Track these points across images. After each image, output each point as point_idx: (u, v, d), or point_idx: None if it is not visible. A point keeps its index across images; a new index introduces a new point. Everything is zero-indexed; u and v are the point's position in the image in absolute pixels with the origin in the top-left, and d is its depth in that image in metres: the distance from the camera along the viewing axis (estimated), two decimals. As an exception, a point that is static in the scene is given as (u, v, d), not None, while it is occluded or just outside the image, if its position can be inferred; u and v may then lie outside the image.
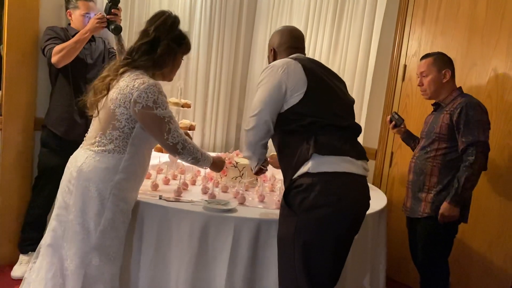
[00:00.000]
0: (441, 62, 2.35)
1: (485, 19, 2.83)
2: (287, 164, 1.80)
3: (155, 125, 1.77)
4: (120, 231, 1.82)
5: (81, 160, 1.77)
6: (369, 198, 1.83)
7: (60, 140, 2.69)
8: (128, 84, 1.74)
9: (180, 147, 1.83)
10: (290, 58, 1.83)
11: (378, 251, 2.40)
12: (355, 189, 1.74)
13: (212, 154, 2.08)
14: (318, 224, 1.65)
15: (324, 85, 1.81)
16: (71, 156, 1.88)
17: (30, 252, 2.74)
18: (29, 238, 2.77)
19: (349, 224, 1.72)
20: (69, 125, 2.69)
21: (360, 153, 1.82)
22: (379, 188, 3.14)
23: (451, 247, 2.37)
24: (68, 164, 1.85)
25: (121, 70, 1.79)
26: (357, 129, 1.88)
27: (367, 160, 1.88)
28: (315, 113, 1.74)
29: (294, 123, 1.75)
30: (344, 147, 1.75)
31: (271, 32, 3.87)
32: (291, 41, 1.97)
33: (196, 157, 1.90)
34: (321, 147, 1.70)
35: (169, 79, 1.96)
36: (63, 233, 1.78)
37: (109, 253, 1.78)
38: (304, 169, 1.70)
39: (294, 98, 1.74)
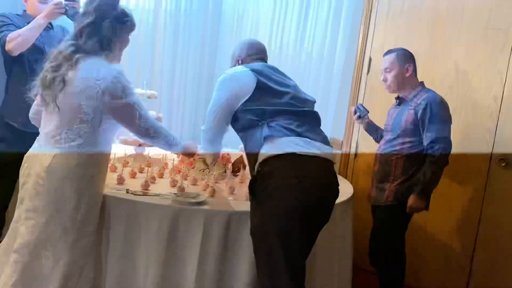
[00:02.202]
0: (403, 57, 2.44)
1: (447, 15, 2.91)
2: (249, 154, 1.87)
3: (125, 113, 1.74)
4: (93, 224, 1.79)
5: (48, 159, 1.69)
6: (336, 184, 1.84)
7: (18, 133, 2.56)
8: (91, 74, 1.67)
9: (152, 132, 1.82)
10: (244, 65, 1.94)
11: (346, 240, 2.44)
12: (316, 171, 1.74)
13: None
14: (282, 209, 1.65)
15: (274, 82, 1.87)
16: (27, 155, 1.80)
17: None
18: (-13, 236, 2.66)
19: (315, 207, 1.69)
20: (27, 116, 2.55)
21: (320, 138, 1.86)
22: (345, 178, 3.20)
23: (405, 230, 2.51)
24: (27, 164, 1.77)
25: (75, 58, 1.69)
26: (315, 115, 1.93)
27: (330, 146, 1.89)
28: (266, 104, 1.80)
29: (248, 116, 1.81)
30: (299, 130, 1.79)
31: (239, 15, 3.86)
32: (256, 53, 2.07)
33: (169, 141, 1.89)
34: (273, 130, 1.76)
35: (119, 59, 1.88)
36: (35, 237, 1.69)
37: (85, 247, 1.76)
38: (262, 156, 1.75)
39: (245, 97, 1.82)
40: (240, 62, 2.05)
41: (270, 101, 1.82)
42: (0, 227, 2.72)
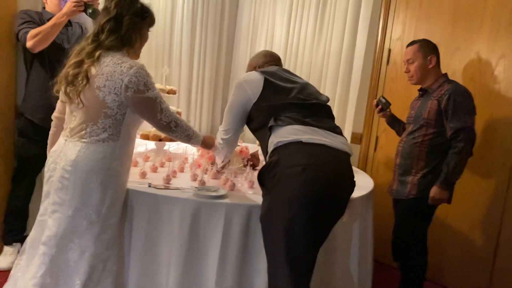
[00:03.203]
0: (426, 48, 2.40)
1: (468, 4, 2.85)
2: (263, 151, 1.96)
3: (148, 107, 1.76)
4: (116, 217, 1.82)
5: (73, 153, 1.72)
6: (350, 175, 1.82)
7: (38, 128, 2.61)
8: (115, 70, 1.69)
9: (174, 125, 1.85)
10: (256, 70, 2.06)
11: (366, 234, 2.43)
12: (323, 159, 1.72)
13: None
14: (286, 197, 1.64)
15: (281, 80, 1.97)
16: (53, 150, 1.83)
17: (14, 243, 2.71)
18: (12, 229, 2.73)
19: (321, 196, 1.65)
20: (47, 112, 2.55)
21: (331, 128, 1.88)
22: (365, 172, 3.17)
23: (429, 225, 2.47)
24: (53, 159, 1.80)
25: (97, 54, 1.72)
26: (324, 107, 1.98)
27: (343, 136, 1.92)
28: (274, 100, 1.90)
29: (260, 114, 1.93)
30: (305, 119, 1.83)
31: (255, 15, 3.89)
32: (270, 60, 2.23)
33: (189, 134, 1.94)
34: (279, 120, 1.85)
35: (138, 55, 1.91)
36: (62, 230, 1.72)
37: (109, 240, 1.79)
38: (270, 147, 1.83)
39: (256, 96, 1.93)
40: (256, 69, 2.14)
41: (278, 98, 1.91)
42: (24, 220, 2.79)
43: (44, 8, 2.70)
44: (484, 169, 2.80)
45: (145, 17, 1.83)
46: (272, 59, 2.23)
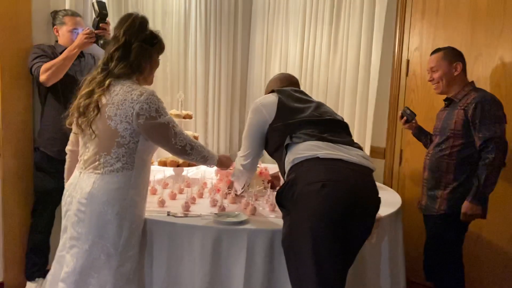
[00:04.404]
0: (451, 55, 2.32)
1: (487, 8, 2.76)
2: (281, 171, 1.93)
3: (161, 133, 1.73)
4: (135, 248, 1.77)
5: (88, 185, 1.69)
6: (373, 191, 1.74)
7: (54, 161, 2.59)
8: (125, 98, 1.67)
9: (189, 148, 1.81)
10: (272, 91, 2.06)
11: (397, 254, 2.31)
12: (343, 175, 1.65)
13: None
14: (308, 215, 1.57)
15: (295, 100, 1.96)
16: (69, 183, 1.81)
17: (37, 279, 2.68)
18: (34, 264, 2.70)
19: (344, 215, 1.58)
20: (62, 145, 2.56)
21: (349, 142, 1.85)
22: (391, 187, 3.06)
23: (463, 241, 2.35)
24: (69, 193, 1.77)
25: (107, 82, 1.70)
26: (340, 123, 1.95)
27: (362, 151, 1.86)
28: (290, 118, 1.89)
29: (276, 134, 1.92)
30: (322, 135, 1.80)
31: (268, 35, 3.88)
32: (286, 82, 2.19)
33: (205, 155, 1.91)
34: (296, 137, 1.82)
35: (150, 82, 1.89)
36: (80, 265, 1.68)
37: (128, 272, 1.74)
38: (287, 165, 1.79)
39: (271, 117, 1.93)
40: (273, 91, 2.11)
41: (293, 116, 1.90)
42: (46, 255, 2.76)
43: (56, 41, 2.72)
44: (517, 178, 2.66)
45: (155, 44, 1.81)
46: (289, 83, 2.19)
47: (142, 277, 1.88)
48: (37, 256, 2.70)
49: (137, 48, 1.73)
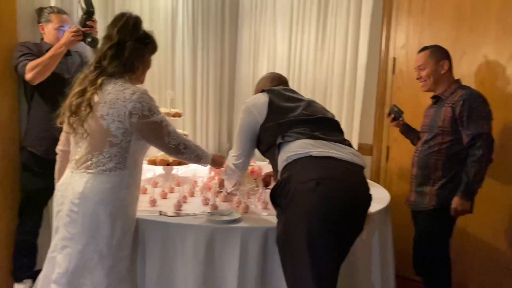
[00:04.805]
0: (438, 53, 2.36)
1: (472, 7, 2.82)
2: (274, 171, 1.94)
3: (154, 132, 1.73)
4: (128, 248, 1.76)
5: (80, 185, 1.67)
6: (365, 188, 1.77)
7: (41, 161, 2.56)
8: (118, 97, 1.65)
9: (183, 147, 1.82)
10: (263, 91, 2.06)
11: (386, 249, 2.35)
12: (336, 173, 1.68)
13: None
14: (303, 213, 1.59)
15: (286, 99, 1.97)
16: (60, 183, 1.78)
17: (25, 280, 2.64)
18: (22, 266, 2.66)
19: (339, 212, 1.60)
20: (49, 144, 2.52)
21: (341, 140, 1.86)
22: (378, 183, 3.10)
23: (451, 236, 2.40)
24: (61, 193, 1.74)
25: (99, 81, 1.69)
26: (331, 121, 1.97)
27: (353, 149, 1.88)
28: (281, 118, 1.89)
29: (267, 134, 1.92)
30: (316, 133, 1.82)
31: (255, 33, 3.88)
32: (277, 81, 2.22)
33: (198, 154, 1.91)
34: (288, 136, 1.83)
35: (142, 81, 1.89)
36: (73, 266, 1.66)
37: (121, 272, 1.73)
38: (280, 164, 1.80)
39: (263, 117, 1.94)
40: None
41: (284, 116, 1.90)
42: (34, 256, 2.72)
43: (42, 39, 2.67)
44: (503, 174, 2.72)
45: (148, 43, 1.80)
46: (279, 82, 2.22)
47: (135, 276, 1.87)
48: (24, 257, 2.65)
49: (131, 47, 1.72)
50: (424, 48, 2.42)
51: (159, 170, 2.71)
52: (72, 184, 1.70)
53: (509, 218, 2.73)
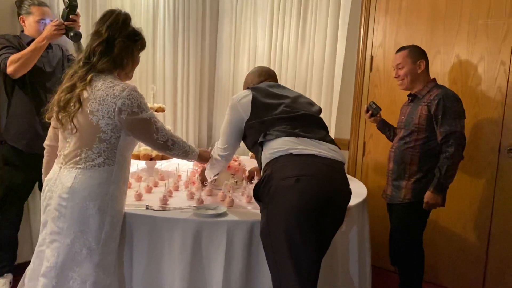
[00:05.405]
0: (416, 53, 2.45)
1: (446, 8, 2.93)
2: (259, 166, 1.98)
3: (143, 129, 1.75)
4: (116, 242, 1.79)
5: (69, 180, 1.68)
6: (345, 184, 1.84)
7: (22, 155, 2.55)
8: (107, 94, 1.67)
9: (171, 143, 1.85)
10: (248, 88, 2.09)
11: (364, 241, 2.45)
12: (316, 170, 1.73)
13: None
14: (283, 209, 1.65)
15: (270, 96, 2.00)
16: (48, 178, 1.79)
17: (5, 274, 2.62)
18: (2, 260, 2.63)
19: (317, 206, 1.66)
20: (31, 138, 2.53)
21: (321, 137, 1.90)
22: (354, 177, 3.21)
23: (424, 228, 2.51)
24: (49, 188, 1.75)
25: (89, 77, 1.70)
26: (313, 117, 1.99)
27: (335, 145, 1.93)
28: (264, 115, 1.94)
29: (252, 131, 1.97)
30: (294, 130, 1.86)
31: (236, 29, 3.92)
32: (264, 76, 2.25)
33: (186, 150, 1.94)
34: (269, 134, 1.88)
35: (130, 77, 1.91)
36: (62, 259, 1.68)
37: (110, 266, 1.75)
38: (263, 161, 1.86)
39: (247, 115, 1.98)
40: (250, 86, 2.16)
41: (266, 114, 1.94)
42: (14, 250, 2.71)
43: (22, 31, 2.63)
44: (472, 169, 2.86)
45: (137, 40, 1.82)
46: (267, 76, 2.25)
47: (122, 269, 1.89)
48: (5, 252, 2.63)
49: (120, 44, 1.73)
50: (402, 48, 2.52)
51: (142, 164, 2.73)
52: (61, 178, 1.71)
53: (478, 211, 2.88)
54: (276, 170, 1.75)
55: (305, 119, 1.96)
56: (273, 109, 1.95)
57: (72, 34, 2.41)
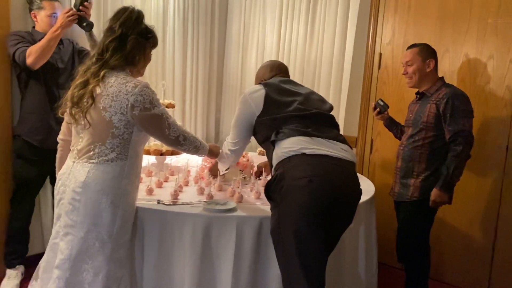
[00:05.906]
0: (426, 52, 2.45)
1: (455, 7, 2.93)
2: (269, 163, 1.98)
3: (155, 124, 1.78)
4: (127, 235, 1.82)
5: (83, 174, 1.72)
6: (356, 184, 1.85)
7: (36, 150, 2.60)
8: (120, 90, 1.70)
9: (182, 139, 1.87)
10: (260, 83, 2.08)
11: (370, 238, 2.47)
12: (328, 170, 1.74)
13: None
14: (294, 209, 1.67)
15: (283, 93, 1.99)
16: (61, 173, 1.83)
17: (17, 266, 2.67)
18: (14, 252, 2.69)
19: (328, 206, 1.68)
20: (45, 133, 2.58)
21: (333, 136, 1.90)
22: (362, 175, 3.22)
23: (431, 226, 2.52)
24: (62, 182, 1.79)
25: (101, 73, 1.73)
26: (325, 116, 1.99)
27: (347, 145, 1.92)
28: (276, 113, 1.93)
29: (263, 127, 1.97)
30: (308, 129, 1.86)
31: (245, 24, 3.93)
32: (276, 71, 2.24)
33: (197, 145, 1.96)
34: (281, 134, 1.87)
35: (142, 73, 1.93)
36: (76, 252, 1.72)
37: (121, 259, 1.79)
38: (274, 160, 1.86)
39: (259, 111, 1.97)
40: (263, 81, 2.15)
41: (279, 111, 1.93)
42: (26, 242, 2.76)
43: (33, 27, 2.67)
44: (479, 167, 2.87)
45: (149, 38, 1.84)
46: (279, 71, 2.24)
47: (133, 264, 1.93)
48: (16, 244, 2.69)
49: (133, 40, 1.76)
50: (413, 45, 2.52)
51: (152, 159, 2.76)
52: (74, 173, 1.75)
53: (484, 209, 2.89)
54: (288, 170, 1.76)
55: (317, 117, 1.96)
56: (286, 106, 1.95)
57: (84, 24, 2.46)
